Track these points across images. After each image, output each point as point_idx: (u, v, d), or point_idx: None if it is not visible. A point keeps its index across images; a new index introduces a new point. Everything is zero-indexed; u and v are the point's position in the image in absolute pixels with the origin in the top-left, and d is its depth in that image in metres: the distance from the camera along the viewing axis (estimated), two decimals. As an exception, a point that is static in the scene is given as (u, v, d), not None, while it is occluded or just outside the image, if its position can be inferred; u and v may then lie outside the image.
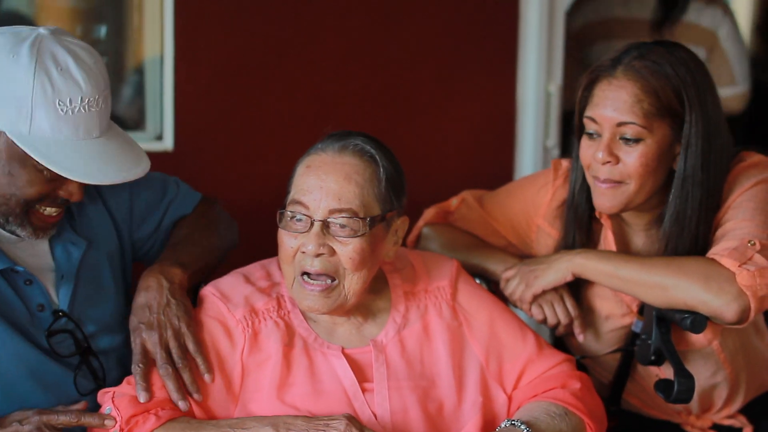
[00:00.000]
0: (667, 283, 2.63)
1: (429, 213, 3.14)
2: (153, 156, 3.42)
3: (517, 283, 2.84)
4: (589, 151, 2.70)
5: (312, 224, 2.41)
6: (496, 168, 4.12)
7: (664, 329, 2.68)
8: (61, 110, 2.33)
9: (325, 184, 2.42)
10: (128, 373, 2.57)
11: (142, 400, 2.39)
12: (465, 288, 2.66)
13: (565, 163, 2.95)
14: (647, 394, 2.91)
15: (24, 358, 2.44)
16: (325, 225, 2.41)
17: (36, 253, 2.54)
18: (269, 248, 2.74)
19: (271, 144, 3.68)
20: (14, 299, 2.46)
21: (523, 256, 3.01)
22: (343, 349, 2.51)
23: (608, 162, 2.66)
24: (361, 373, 2.50)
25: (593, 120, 2.67)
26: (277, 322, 2.51)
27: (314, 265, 2.41)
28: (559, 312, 2.82)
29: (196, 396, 2.42)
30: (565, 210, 2.88)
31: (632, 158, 2.64)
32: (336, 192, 2.41)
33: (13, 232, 2.46)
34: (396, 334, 2.55)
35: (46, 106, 2.31)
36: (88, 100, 2.35)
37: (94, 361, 2.54)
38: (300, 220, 2.43)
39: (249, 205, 3.47)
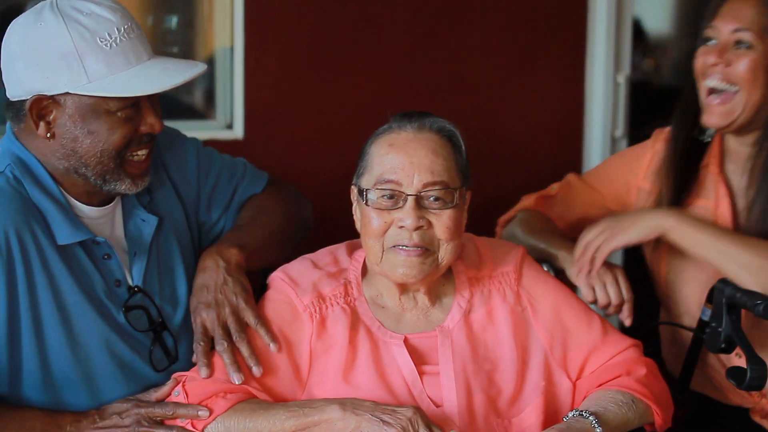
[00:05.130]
0: None
1: (527, 199, 3.18)
2: (223, 144, 3.50)
3: (599, 231, 2.81)
4: (702, 58, 2.84)
5: (406, 200, 2.44)
6: (565, 158, 4.11)
7: (735, 316, 2.67)
8: (106, 45, 2.39)
9: (416, 160, 2.45)
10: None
11: (203, 375, 2.44)
12: (530, 274, 2.66)
13: (667, 129, 3.03)
14: (716, 381, 2.91)
15: (100, 331, 2.49)
16: (418, 199, 2.44)
17: (112, 230, 2.59)
18: (338, 233, 2.77)
19: (339, 132, 3.71)
20: (94, 272, 2.50)
21: None
22: (406, 337, 2.52)
23: (719, 63, 2.79)
24: (425, 357, 2.51)
25: (712, 27, 2.82)
26: (344, 308, 2.53)
27: (413, 239, 2.44)
28: (611, 293, 2.81)
29: (255, 369, 2.45)
30: (669, 150, 2.96)
31: (742, 63, 2.78)
32: (428, 166, 2.44)
33: (113, 191, 2.51)
34: (461, 318, 2.56)
35: (91, 49, 2.38)
36: (124, 28, 2.42)
37: (167, 336, 2.59)
38: (390, 197, 2.46)
39: (318, 192, 3.49)
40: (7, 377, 2.44)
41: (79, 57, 2.37)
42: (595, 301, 2.82)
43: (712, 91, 2.81)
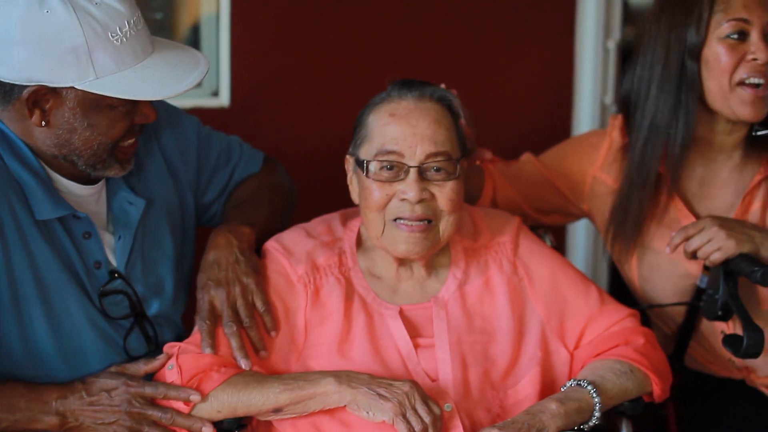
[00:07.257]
0: None
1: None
2: (209, 112, 3.46)
3: (723, 241, 2.67)
4: (734, 54, 2.66)
5: (408, 171, 2.40)
6: (554, 124, 4.11)
7: (732, 283, 2.64)
8: (116, 41, 2.29)
9: (418, 131, 2.41)
10: (180, 336, 2.57)
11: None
12: (526, 244, 2.64)
13: (622, 117, 2.90)
14: (711, 350, 2.88)
15: (83, 308, 2.43)
16: (421, 170, 2.40)
17: (96, 209, 2.52)
18: (327, 203, 2.75)
19: (327, 99, 3.67)
20: (72, 252, 2.44)
21: (567, 213, 3.03)
22: (401, 308, 2.50)
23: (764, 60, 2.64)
24: (420, 329, 2.49)
25: (742, 20, 2.65)
26: (339, 279, 2.51)
27: (415, 211, 2.40)
28: None
29: (262, 353, 2.42)
30: (629, 154, 2.82)
31: None
32: (430, 137, 2.40)
33: (101, 176, 2.45)
34: (457, 289, 2.53)
35: (102, 45, 2.28)
36: (133, 20, 2.33)
37: (146, 324, 2.54)
38: (391, 168, 2.41)
39: (305, 161, 3.47)
40: None
41: (88, 52, 2.26)
42: None
43: (747, 83, 2.67)
